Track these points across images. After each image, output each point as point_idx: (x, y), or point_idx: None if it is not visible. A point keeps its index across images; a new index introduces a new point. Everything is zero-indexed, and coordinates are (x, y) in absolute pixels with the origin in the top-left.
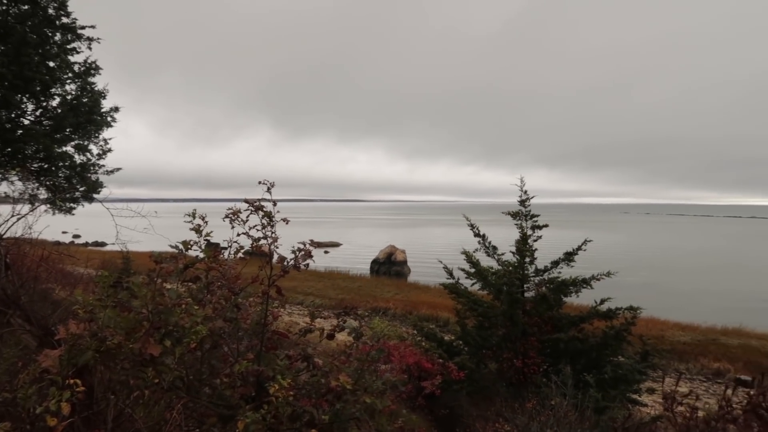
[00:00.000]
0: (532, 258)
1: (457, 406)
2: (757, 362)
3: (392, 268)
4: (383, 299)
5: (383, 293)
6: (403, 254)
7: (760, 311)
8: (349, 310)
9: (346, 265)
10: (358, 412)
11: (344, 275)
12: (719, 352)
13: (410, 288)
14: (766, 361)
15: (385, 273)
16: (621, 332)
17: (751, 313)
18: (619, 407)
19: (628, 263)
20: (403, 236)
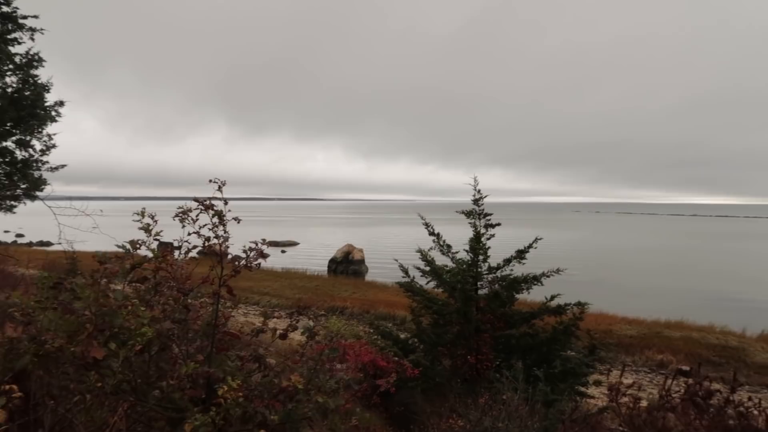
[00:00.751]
0: (485, 256)
1: (412, 403)
2: (697, 353)
3: (350, 267)
4: (340, 298)
5: (340, 292)
6: (360, 253)
7: (700, 305)
8: (302, 309)
9: (303, 265)
10: (310, 411)
11: (301, 274)
12: (663, 344)
13: (368, 287)
14: (706, 352)
15: (343, 272)
16: (570, 327)
17: (692, 306)
18: (566, 400)
19: (579, 260)
20: (361, 235)
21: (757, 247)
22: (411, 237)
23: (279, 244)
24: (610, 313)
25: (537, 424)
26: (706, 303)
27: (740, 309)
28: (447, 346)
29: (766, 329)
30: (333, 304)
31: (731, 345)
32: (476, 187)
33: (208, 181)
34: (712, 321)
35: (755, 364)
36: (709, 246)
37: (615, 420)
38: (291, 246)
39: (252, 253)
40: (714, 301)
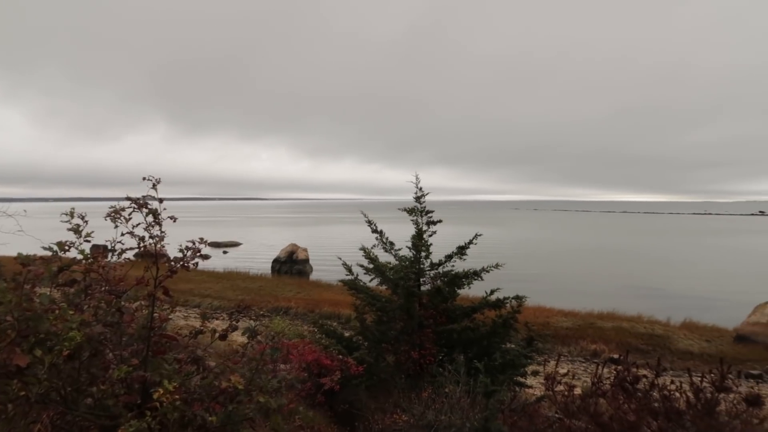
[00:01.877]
0: (427, 252)
1: (356, 400)
2: (627, 342)
3: (294, 266)
4: (284, 298)
5: (284, 292)
6: (305, 252)
7: (629, 296)
8: (243, 308)
9: (246, 265)
10: (252, 412)
11: (244, 275)
12: (596, 334)
13: (312, 286)
14: (635, 340)
15: (287, 272)
16: (508, 320)
17: (623, 298)
18: (505, 390)
19: (518, 256)
20: (305, 235)
21: (680, 241)
22: (356, 236)
23: (220, 244)
24: (548, 307)
25: (478, 414)
26: (635, 294)
27: (665, 299)
28: (391, 342)
29: (688, 318)
30: (277, 304)
31: (657, 333)
32: (418, 185)
33: (142, 179)
34: (640, 311)
35: (678, 350)
36: (638, 241)
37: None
38: (233, 246)
39: (189, 252)
40: (642, 293)
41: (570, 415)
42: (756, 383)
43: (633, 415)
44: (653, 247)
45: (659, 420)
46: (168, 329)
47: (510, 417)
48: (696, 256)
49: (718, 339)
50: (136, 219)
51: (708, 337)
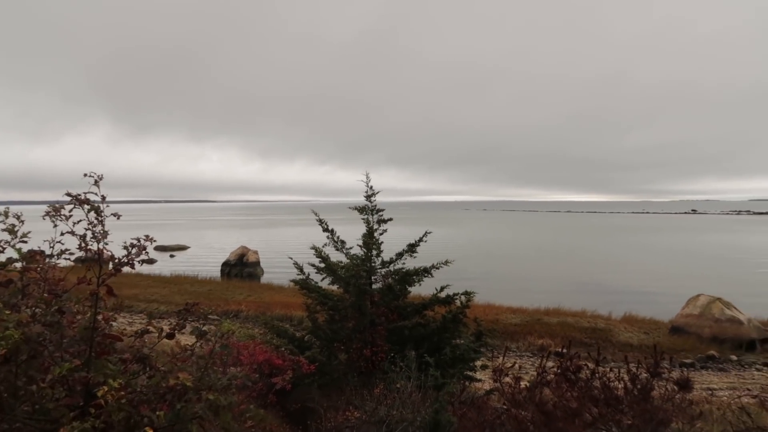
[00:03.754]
0: (378, 251)
1: (308, 399)
2: (572, 336)
3: (244, 269)
4: (235, 302)
5: (235, 296)
6: (255, 255)
7: (574, 292)
8: (191, 306)
9: (194, 269)
10: (201, 410)
11: (192, 279)
12: (543, 330)
13: (263, 289)
14: (579, 334)
15: (237, 275)
16: (457, 315)
17: (568, 294)
18: (455, 383)
19: (468, 255)
20: (256, 237)
21: (621, 239)
22: (308, 237)
23: (167, 248)
24: (497, 304)
25: (429, 408)
26: (579, 290)
27: (607, 294)
28: (343, 341)
29: (628, 312)
30: (227, 308)
31: (600, 327)
32: (368, 184)
33: (83, 175)
34: (584, 307)
35: (619, 342)
36: (582, 239)
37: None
38: (180, 250)
39: (134, 249)
40: (586, 289)
41: (517, 405)
42: (689, 371)
43: (575, 403)
44: (596, 245)
45: (599, 406)
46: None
47: (459, 409)
48: (635, 253)
49: (656, 331)
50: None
51: (646, 329)
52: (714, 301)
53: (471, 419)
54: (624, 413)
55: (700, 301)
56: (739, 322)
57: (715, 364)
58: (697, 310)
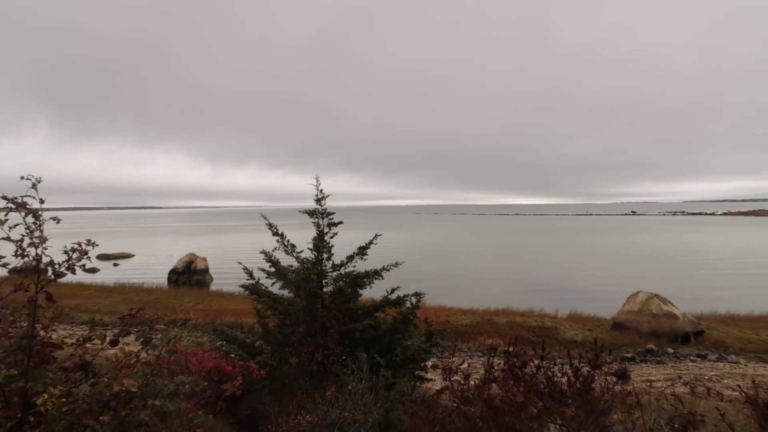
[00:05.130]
0: (329, 254)
1: (259, 404)
2: (520, 335)
3: (192, 277)
4: (183, 310)
5: (182, 304)
6: (204, 262)
7: (522, 292)
8: (136, 312)
9: (139, 278)
10: (147, 417)
11: (138, 288)
12: (492, 330)
13: (213, 296)
14: (527, 333)
15: (185, 283)
16: (408, 316)
17: (516, 294)
18: (406, 382)
19: (419, 258)
20: (205, 243)
21: (566, 240)
22: (259, 243)
23: (110, 256)
24: (448, 306)
25: (380, 408)
26: (527, 290)
27: (553, 294)
28: (294, 345)
29: (573, 310)
30: (174, 316)
31: (546, 325)
32: (318, 187)
33: (20, 178)
34: (532, 306)
35: (565, 339)
36: (529, 240)
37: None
38: (125, 258)
39: (75, 254)
40: (533, 288)
41: (466, 402)
42: (629, 364)
43: (521, 397)
44: (543, 247)
45: (544, 399)
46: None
47: (410, 408)
48: (580, 253)
49: (599, 327)
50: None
51: (590, 326)
52: (652, 298)
53: (421, 417)
54: (567, 405)
55: (639, 298)
56: (675, 316)
57: (654, 357)
58: (637, 306)
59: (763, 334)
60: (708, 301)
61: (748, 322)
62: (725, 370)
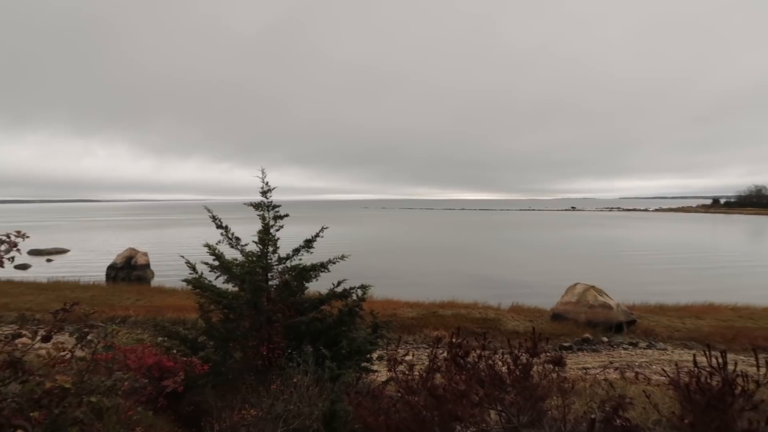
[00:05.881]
0: (275, 247)
1: (202, 401)
2: (464, 327)
3: (132, 273)
4: (122, 307)
5: (122, 301)
6: (145, 257)
7: (467, 285)
8: (70, 306)
9: (75, 274)
10: (82, 414)
11: (73, 285)
12: (438, 322)
13: (154, 293)
14: (471, 325)
15: (124, 279)
16: (354, 309)
17: (461, 287)
18: (351, 373)
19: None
20: (146, 238)
21: (510, 234)
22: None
23: (44, 252)
24: (395, 299)
25: (326, 400)
26: (471, 283)
27: (497, 286)
28: (238, 339)
29: (515, 302)
30: (113, 313)
31: (490, 317)
32: (264, 179)
33: None
34: (476, 299)
35: (507, 330)
36: (474, 235)
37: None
38: (59, 254)
39: (3, 246)
40: (478, 281)
41: (410, 392)
42: (567, 353)
43: (464, 385)
44: (488, 241)
45: (485, 387)
46: None
47: (355, 398)
48: (523, 247)
49: (539, 318)
50: None
51: (531, 317)
52: (589, 289)
53: (366, 407)
54: (507, 392)
55: (577, 290)
56: (609, 307)
57: (590, 345)
58: (575, 297)
59: (689, 323)
60: (640, 292)
61: (676, 312)
62: (654, 356)
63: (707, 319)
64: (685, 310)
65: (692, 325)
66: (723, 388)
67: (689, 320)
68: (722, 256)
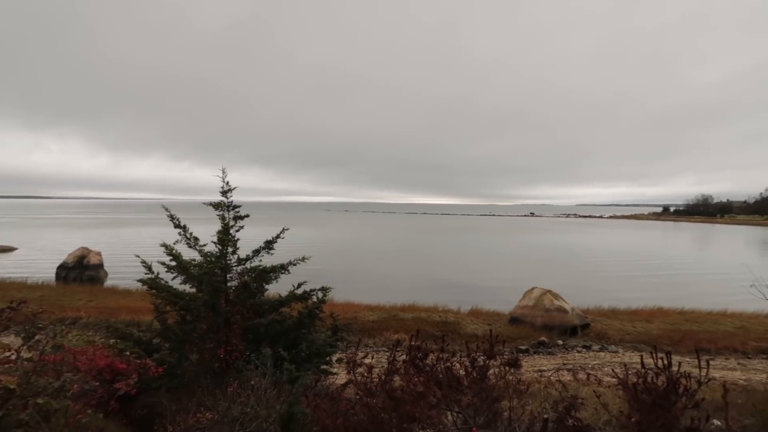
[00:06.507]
0: (234, 248)
1: (156, 403)
2: (424, 330)
3: (85, 273)
4: (73, 308)
5: (73, 302)
6: (98, 257)
7: (427, 289)
8: (16, 305)
9: (22, 273)
10: (28, 417)
11: (20, 284)
12: (398, 325)
13: (107, 293)
14: (431, 328)
15: (76, 279)
16: (314, 311)
17: (422, 291)
18: (309, 375)
19: (329, 254)
20: (100, 237)
21: (470, 239)
22: (161, 237)
23: None
24: (356, 302)
25: (284, 402)
26: (432, 287)
27: (457, 290)
28: (195, 341)
29: (475, 305)
30: (63, 315)
31: (450, 321)
32: (224, 179)
33: None
34: (436, 302)
35: (466, 334)
36: (436, 239)
37: (355, 390)
38: (6, 252)
39: None
40: (438, 285)
41: (369, 394)
42: (523, 355)
43: (422, 387)
44: (449, 245)
45: (443, 388)
46: None
47: (314, 401)
48: (483, 251)
49: (498, 322)
50: None
51: (490, 321)
52: (545, 293)
53: (325, 410)
54: (464, 393)
55: (534, 294)
56: (565, 311)
57: (545, 348)
58: (532, 301)
59: (639, 326)
60: (594, 297)
61: (627, 316)
62: (606, 358)
63: (656, 323)
64: (636, 314)
65: (642, 329)
66: (668, 388)
67: (639, 324)
68: (671, 263)
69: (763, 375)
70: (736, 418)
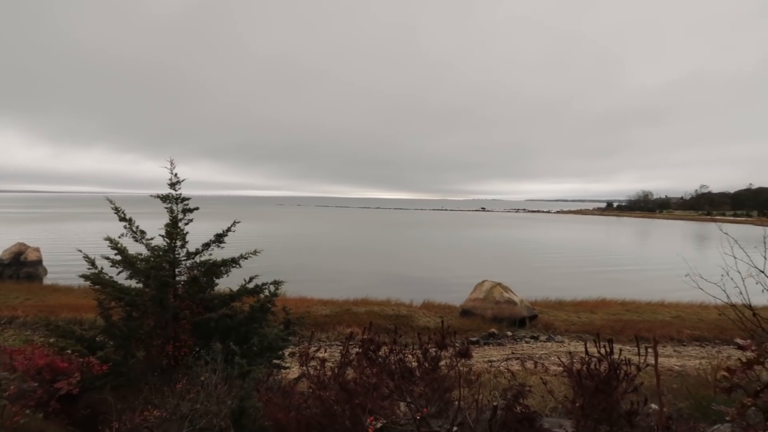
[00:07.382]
0: (183, 241)
1: (101, 402)
2: (377, 323)
3: (21, 269)
4: (9, 307)
5: (8, 300)
6: (36, 253)
7: (380, 283)
8: None
9: None
10: None
11: None
12: (351, 320)
13: (47, 291)
14: (384, 321)
15: (12, 276)
16: (266, 305)
17: (375, 285)
18: (261, 369)
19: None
20: (39, 232)
21: (421, 234)
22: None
23: None
24: (309, 297)
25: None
26: (385, 281)
27: (409, 284)
28: (142, 338)
29: (427, 299)
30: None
31: (402, 314)
32: (173, 170)
33: None
34: (389, 296)
35: (418, 326)
36: (389, 234)
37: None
38: None
39: None
40: (391, 279)
41: (322, 387)
42: (474, 346)
43: (374, 378)
44: (402, 239)
45: (396, 380)
46: None
47: (266, 395)
48: (435, 245)
49: (450, 315)
50: None
51: (442, 313)
52: (495, 286)
53: (277, 404)
54: (416, 384)
55: (484, 287)
56: (514, 303)
57: (495, 339)
58: (482, 294)
59: (584, 317)
60: (542, 289)
61: (572, 307)
62: (553, 348)
63: (600, 314)
64: (580, 306)
65: (587, 319)
66: (609, 373)
67: (584, 314)
68: (614, 257)
69: (696, 361)
70: (672, 402)
